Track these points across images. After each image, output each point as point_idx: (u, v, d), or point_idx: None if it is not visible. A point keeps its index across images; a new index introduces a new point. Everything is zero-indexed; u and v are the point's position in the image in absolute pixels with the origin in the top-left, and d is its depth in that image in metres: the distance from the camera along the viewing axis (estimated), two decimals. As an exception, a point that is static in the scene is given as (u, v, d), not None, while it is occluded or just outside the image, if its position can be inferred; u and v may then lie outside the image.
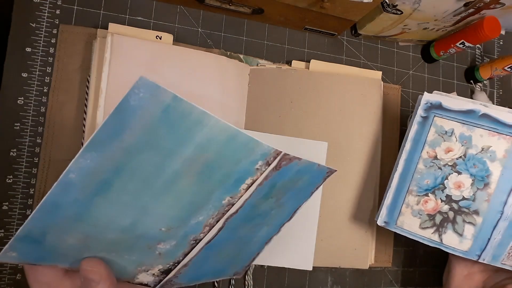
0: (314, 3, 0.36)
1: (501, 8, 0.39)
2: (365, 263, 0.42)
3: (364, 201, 0.43)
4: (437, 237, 0.36)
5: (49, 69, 0.36)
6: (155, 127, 0.21)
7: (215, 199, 0.26)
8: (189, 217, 0.26)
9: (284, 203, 0.31)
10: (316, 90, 0.42)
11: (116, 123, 0.20)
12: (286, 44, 0.44)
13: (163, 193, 0.24)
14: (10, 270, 0.34)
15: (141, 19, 0.40)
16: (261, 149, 0.25)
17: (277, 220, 0.33)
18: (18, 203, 0.35)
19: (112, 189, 0.22)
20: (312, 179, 0.31)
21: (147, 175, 0.23)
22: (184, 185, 0.24)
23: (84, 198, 0.22)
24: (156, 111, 0.21)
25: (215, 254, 0.30)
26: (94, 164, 0.21)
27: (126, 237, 0.25)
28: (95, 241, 0.24)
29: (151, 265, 0.27)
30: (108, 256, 0.25)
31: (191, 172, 0.24)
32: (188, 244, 0.27)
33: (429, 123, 0.36)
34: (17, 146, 0.35)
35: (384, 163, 0.44)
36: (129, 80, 0.36)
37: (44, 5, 0.37)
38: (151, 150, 0.22)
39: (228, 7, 0.40)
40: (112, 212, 0.23)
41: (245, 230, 0.31)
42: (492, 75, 0.48)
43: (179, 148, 0.22)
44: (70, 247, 0.23)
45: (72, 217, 0.22)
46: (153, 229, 0.25)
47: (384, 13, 0.39)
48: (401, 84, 0.48)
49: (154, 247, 0.26)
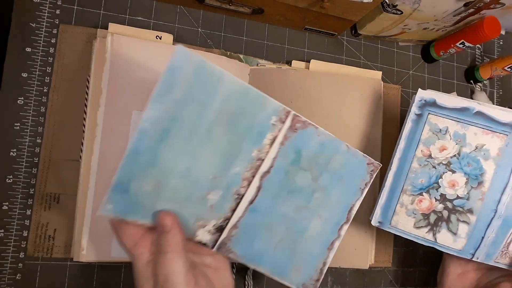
0: (314, 3, 0.36)
1: (501, 8, 0.39)
2: (365, 263, 0.42)
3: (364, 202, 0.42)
4: (431, 236, 0.36)
5: (49, 69, 0.36)
6: (191, 83, 0.27)
7: (245, 150, 0.30)
8: (227, 166, 0.30)
9: (328, 188, 0.34)
10: (316, 90, 0.42)
11: (168, 80, 0.27)
12: (286, 44, 0.44)
13: (205, 140, 0.29)
14: (10, 270, 0.34)
15: (141, 19, 0.40)
16: (271, 104, 0.30)
17: (328, 212, 0.34)
18: (18, 203, 0.35)
19: (170, 136, 0.28)
20: (352, 168, 0.34)
21: (192, 124, 0.28)
22: (219, 134, 0.29)
23: (154, 144, 0.28)
24: (190, 71, 0.27)
25: (264, 228, 0.33)
26: (158, 114, 0.27)
27: (184, 184, 0.29)
28: (163, 189, 0.29)
29: (206, 220, 0.31)
30: (174, 207, 0.29)
31: (222, 121, 0.29)
32: (232, 197, 0.31)
33: (423, 121, 0.36)
34: (17, 146, 0.35)
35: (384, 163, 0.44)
36: (129, 80, 0.36)
37: (44, 5, 0.37)
38: (192, 102, 0.28)
39: (228, 7, 0.40)
40: (172, 157, 0.28)
41: (289, 206, 0.33)
42: (492, 75, 0.48)
43: (209, 101, 0.28)
44: (146, 195, 0.28)
45: (147, 162, 0.28)
46: (202, 176, 0.30)
47: (384, 13, 0.39)
48: (401, 84, 0.48)
49: (206, 198, 0.30)
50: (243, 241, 0.32)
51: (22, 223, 0.35)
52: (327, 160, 0.34)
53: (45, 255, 0.35)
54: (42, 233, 0.35)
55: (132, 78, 0.36)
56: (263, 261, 0.33)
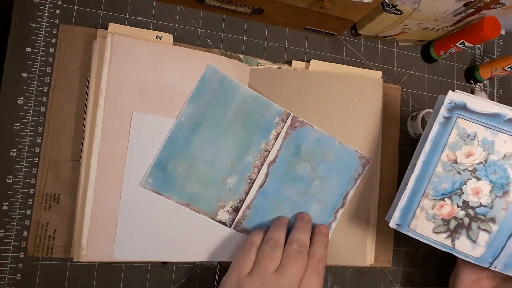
0: (314, 3, 0.36)
1: (501, 8, 0.39)
2: (363, 260, 0.42)
3: (362, 200, 0.43)
4: (449, 242, 0.35)
5: (49, 69, 0.36)
6: (216, 91, 0.38)
7: (255, 142, 0.39)
8: (242, 156, 0.39)
9: (325, 176, 0.41)
10: (316, 90, 0.42)
11: (200, 87, 0.37)
12: (286, 44, 0.44)
13: (225, 134, 0.38)
14: (10, 270, 0.34)
15: (141, 19, 0.40)
16: (275, 108, 0.40)
17: (326, 198, 0.41)
18: (18, 203, 0.35)
19: (200, 129, 0.37)
20: (346, 160, 0.41)
21: (216, 120, 0.38)
22: (235, 130, 0.38)
23: (188, 134, 0.37)
24: (216, 81, 0.38)
25: (273, 209, 0.39)
26: (192, 111, 0.37)
27: (209, 169, 0.37)
28: (192, 172, 0.37)
29: (225, 201, 0.38)
30: (200, 189, 0.37)
31: (238, 120, 0.38)
32: (246, 181, 0.39)
33: (452, 124, 0.34)
34: (17, 146, 0.35)
35: (384, 163, 0.44)
36: (129, 80, 0.36)
37: (44, 5, 0.37)
38: (217, 104, 0.38)
39: (228, 7, 0.40)
40: (201, 146, 0.37)
41: (292, 191, 0.40)
42: (492, 75, 0.48)
43: (229, 104, 0.38)
44: (179, 175, 0.36)
45: (181, 148, 0.37)
46: (223, 163, 0.38)
47: (384, 13, 0.39)
48: (401, 84, 0.48)
49: (225, 182, 0.38)
50: (255, 220, 0.39)
51: (22, 223, 0.35)
52: (323, 153, 0.41)
53: (45, 255, 0.35)
54: (42, 233, 0.35)
55: (132, 78, 0.36)
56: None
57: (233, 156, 0.38)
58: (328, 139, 0.41)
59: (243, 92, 0.38)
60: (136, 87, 0.36)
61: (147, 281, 0.37)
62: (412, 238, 0.46)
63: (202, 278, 0.39)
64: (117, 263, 0.37)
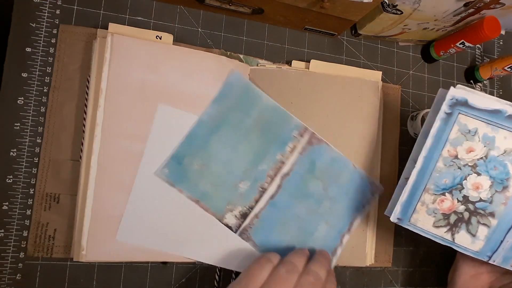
0: (314, 3, 0.36)
1: (501, 8, 0.39)
2: (363, 260, 0.42)
3: (364, 201, 0.43)
4: (449, 236, 0.35)
5: (49, 69, 0.36)
6: (239, 96, 0.39)
7: (271, 152, 0.39)
8: (257, 163, 0.39)
9: (335, 198, 0.40)
10: (316, 90, 0.42)
11: (224, 90, 0.38)
12: (286, 44, 0.44)
13: (243, 140, 0.38)
14: (10, 270, 0.34)
15: (141, 19, 0.40)
16: (294, 121, 0.40)
17: (333, 220, 0.40)
18: (18, 203, 0.35)
19: (220, 131, 0.38)
20: (357, 185, 0.41)
21: (236, 125, 0.38)
22: (253, 137, 0.39)
23: (207, 133, 0.38)
24: (240, 87, 0.39)
25: (281, 223, 0.39)
26: (214, 112, 0.38)
27: (223, 171, 0.38)
28: (207, 170, 0.37)
29: (235, 205, 0.38)
30: (212, 188, 0.37)
31: (257, 127, 0.39)
32: (257, 189, 0.39)
33: (453, 120, 0.35)
34: (17, 146, 0.35)
35: (384, 163, 0.44)
36: (129, 80, 0.36)
37: (44, 5, 0.37)
38: (238, 110, 0.39)
39: (228, 7, 0.40)
40: (218, 147, 0.38)
41: (302, 208, 0.39)
42: (492, 75, 0.48)
43: (250, 111, 0.39)
44: (194, 171, 0.37)
45: (199, 146, 0.37)
46: (238, 168, 0.38)
47: (384, 13, 0.39)
48: (401, 84, 0.48)
49: (237, 186, 0.38)
50: (262, 231, 0.39)
51: (22, 223, 0.35)
52: (336, 174, 0.41)
53: (45, 255, 0.35)
54: (42, 233, 0.35)
55: (132, 78, 0.36)
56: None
57: (248, 162, 0.38)
58: (342, 160, 0.41)
59: (265, 101, 0.39)
60: (136, 87, 0.36)
61: (147, 281, 0.37)
62: (412, 238, 0.46)
63: (202, 278, 0.39)
64: (117, 263, 0.37)
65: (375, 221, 0.43)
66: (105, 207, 0.35)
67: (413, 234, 0.46)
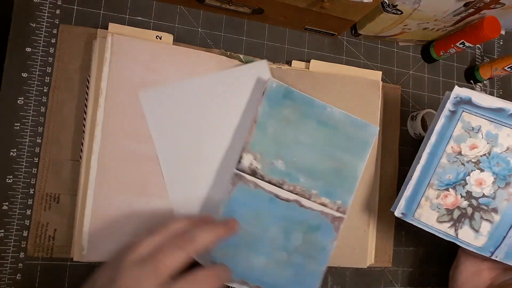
0: (314, 3, 0.36)
1: (501, 8, 0.39)
2: (364, 262, 0.42)
3: (363, 202, 0.43)
4: (453, 232, 0.36)
5: (49, 69, 0.36)
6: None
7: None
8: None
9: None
10: (316, 90, 0.42)
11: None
12: (286, 44, 0.44)
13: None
14: (10, 270, 0.34)
15: (141, 19, 0.40)
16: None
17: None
18: (18, 203, 0.35)
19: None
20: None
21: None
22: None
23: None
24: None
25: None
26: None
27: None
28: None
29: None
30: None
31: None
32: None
33: (457, 118, 0.36)
34: (17, 146, 0.35)
35: (384, 163, 0.44)
36: (129, 80, 0.36)
37: (44, 5, 0.37)
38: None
39: (228, 7, 0.40)
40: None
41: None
42: (492, 75, 0.48)
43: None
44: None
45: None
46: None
47: (384, 13, 0.39)
48: (401, 84, 0.48)
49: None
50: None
51: (22, 223, 0.35)
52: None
53: (45, 255, 0.35)
54: (42, 233, 0.35)
55: (132, 78, 0.36)
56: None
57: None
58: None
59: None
60: (136, 87, 0.36)
61: (147, 281, 0.37)
62: (412, 238, 0.46)
63: (202, 278, 0.39)
64: (117, 263, 0.37)
65: (375, 222, 0.43)
66: (105, 207, 0.35)
67: (413, 234, 0.46)
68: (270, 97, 0.37)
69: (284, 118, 0.38)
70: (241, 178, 0.36)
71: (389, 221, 0.45)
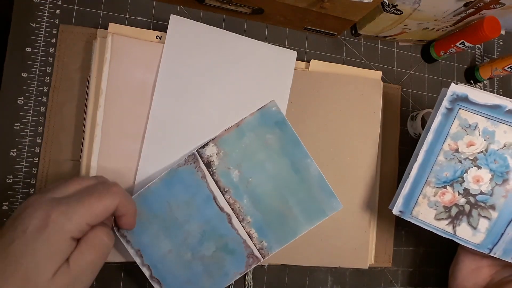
0: (314, 3, 0.36)
1: (501, 8, 0.39)
2: (364, 263, 0.42)
3: (363, 201, 0.43)
4: (451, 229, 0.36)
5: (49, 69, 0.36)
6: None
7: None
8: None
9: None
10: (316, 90, 0.42)
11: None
12: (286, 44, 0.44)
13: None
14: (10, 270, 0.34)
15: (141, 19, 0.40)
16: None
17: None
18: (18, 203, 0.35)
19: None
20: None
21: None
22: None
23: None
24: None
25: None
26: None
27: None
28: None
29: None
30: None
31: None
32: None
33: (454, 115, 0.36)
34: (17, 146, 0.35)
35: (384, 163, 0.44)
36: (129, 80, 0.36)
37: (44, 5, 0.37)
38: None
39: (228, 7, 0.40)
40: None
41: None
42: (492, 75, 0.48)
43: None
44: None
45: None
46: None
47: (384, 13, 0.39)
48: (401, 84, 0.48)
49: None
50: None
51: (22, 223, 0.35)
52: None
53: (45, 255, 0.35)
54: (42, 233, 0.35)
55: (132, 78, 0.36)
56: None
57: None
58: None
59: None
60: (136, 87, 0.36)
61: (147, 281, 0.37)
62: (412, 238, 0.46)
63: (202, 278, 0.39)
64: (117, 263, 0.37)
65: (375, 222, 0.43)
66: (105, 207, 0.35)
67: (413, 234, 0.46)
68: (264, 116, 0.38)
69: (264, 140, 0.37)
70: (195, 161, 0.36)
71: (389, 221, 0.45)
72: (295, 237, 0.37)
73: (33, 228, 0.24)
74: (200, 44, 0.37)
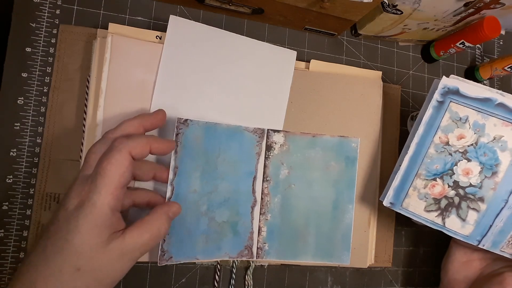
0: (314, 3, 0.36)
1: (501, 8, 0.39)
2: (364, 262, 0.42)
3: (363, 201, 0.43)
4: (440, 220, 0.36)
5: (49, 69, 0.36)
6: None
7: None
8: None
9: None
10: (316, 90, 0.42)
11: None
12: (286, 44, 0.44)
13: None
14: (10, 270, 0.34)
15: (141, 19, 0.40)
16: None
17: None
18: (18, 203, 0.35)
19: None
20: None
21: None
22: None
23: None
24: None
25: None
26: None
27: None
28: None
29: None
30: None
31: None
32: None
33: (445, 108, 0.36)
34: (17, 146, 0.35)
35: (384, 163, 0.44)
36: (129, 80, 0.36)
37: (44, 5, 0.37)
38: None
39: (228, 7, 0.40)
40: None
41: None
42: (492, 75, 0.48)
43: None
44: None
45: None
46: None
47: (384, 13, 0.39)
48: (401, 84, 0.48)
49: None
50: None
51: (22, 223, 0.35)
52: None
53: (45, 255, 0.35)
54: (42, 233, 0.35)
55: (132, 78, 0.36)
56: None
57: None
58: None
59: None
60: (136, 87, 0.36)
61: (147, 281, 0.37)
62: (412, 238, 0.46)
63: (202, 278, 0.39)
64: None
65: (375, 222, 0.43)
66: (105, 207, 0.35)
67: (413, 234, 0.46)
68: (342, 144, 0.39)
69: (327, 164, 0.39)
70: (261, 136, 0.37)
71: (389, 221, 0.45)
72: (294, 259, 0.38)
73: (72, 207, 0.26)
74: (199, 44, 0.38)
